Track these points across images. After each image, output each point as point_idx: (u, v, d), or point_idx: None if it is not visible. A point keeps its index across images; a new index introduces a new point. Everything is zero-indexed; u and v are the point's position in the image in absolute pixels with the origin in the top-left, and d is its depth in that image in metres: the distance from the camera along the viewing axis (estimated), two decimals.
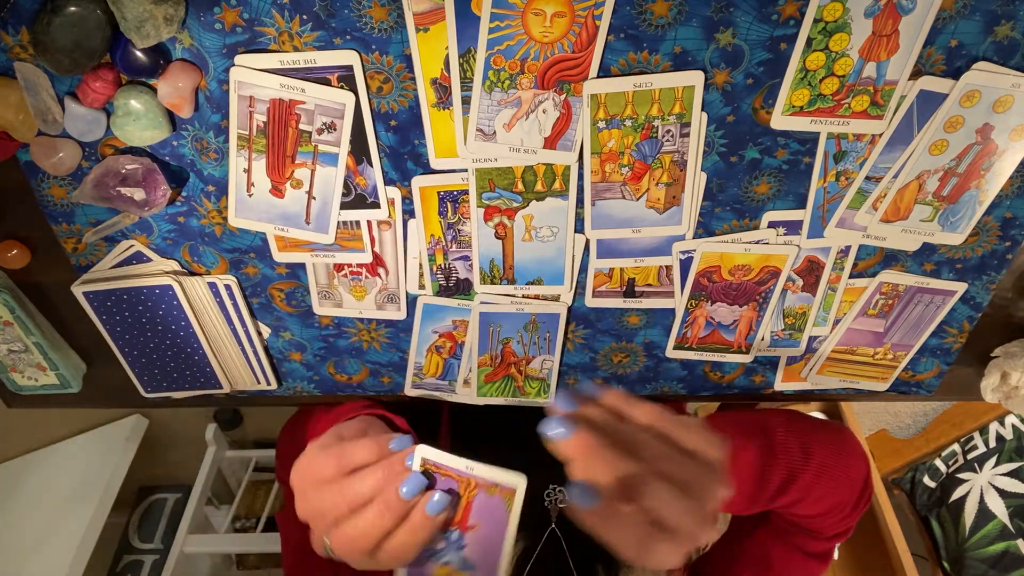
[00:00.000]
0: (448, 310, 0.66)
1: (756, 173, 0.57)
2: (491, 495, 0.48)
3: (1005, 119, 0.52)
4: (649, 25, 0.49)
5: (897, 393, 0.74)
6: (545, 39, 0.50)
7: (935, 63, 0.51)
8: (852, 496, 0.68)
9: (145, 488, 1.83)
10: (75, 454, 1.57)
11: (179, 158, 0.57)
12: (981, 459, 1.46)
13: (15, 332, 0.67)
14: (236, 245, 0.62)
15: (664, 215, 0.59)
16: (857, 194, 0.57)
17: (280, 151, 0.55)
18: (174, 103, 0.52)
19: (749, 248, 0.61)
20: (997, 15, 0.48)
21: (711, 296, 0.65)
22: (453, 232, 0.61)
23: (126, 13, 0.45)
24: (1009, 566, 1.34)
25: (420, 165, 0.57)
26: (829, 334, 0.68)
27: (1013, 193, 0.57)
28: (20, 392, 0.74)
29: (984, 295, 0.64)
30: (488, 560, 0.50)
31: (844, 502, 0.68)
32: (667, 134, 0.54)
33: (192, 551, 1.50)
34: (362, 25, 0.49)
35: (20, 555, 1.38)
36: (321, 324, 0.68)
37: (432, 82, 0.52)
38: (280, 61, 0.51)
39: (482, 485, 0.48)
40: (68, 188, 0.58)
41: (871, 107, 0.52)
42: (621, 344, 0.69)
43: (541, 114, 0.53)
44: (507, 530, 0.49)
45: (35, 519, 1.44)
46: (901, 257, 0.62)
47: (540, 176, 0.57)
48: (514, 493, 0.48)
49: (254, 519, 1.64)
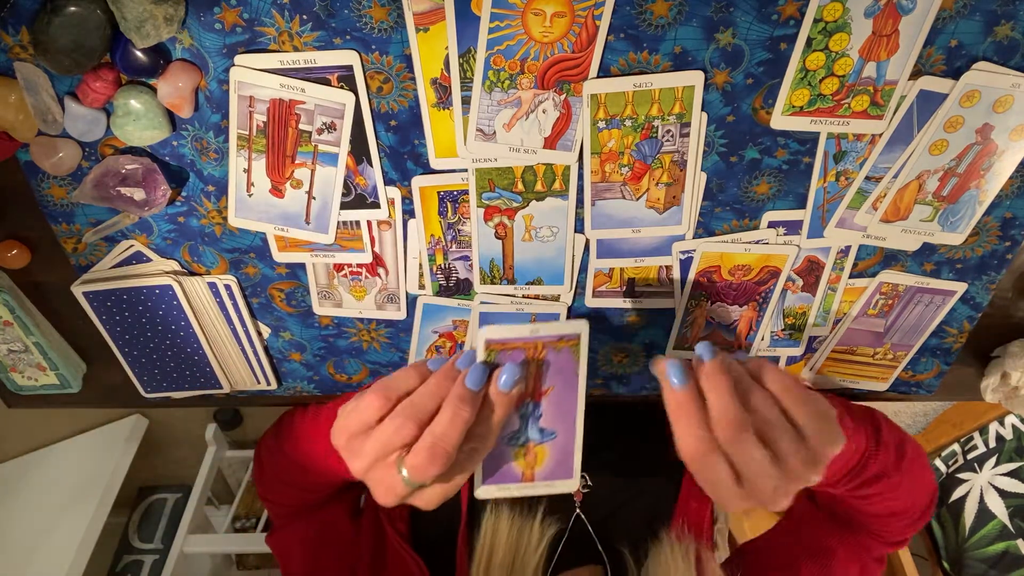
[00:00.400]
0: (448, 310, 0.66)
1: (756, 173, 0.57)
2: (559, 351, 0.48)
3: (1005, 119, 0.52)
4: (649, 25, 0.49)
5: (897, 393, 0.74)
6: (545, 39, 0.50)
7: (935, 63, 0.51)
8: (922, 503, 0.69)
9: (145, 488, 1.83)
10: (75, 454, 1.57)
11: (179, 158, 0.57)
12: (981, 459, 1.46)
13: (15, 332, 0.67)
14: (236, 245, 0.62)
15: (664, 215, 0.59)
16: (857, 194, 0.57)
17: (280, 151, 0.55)
18: (174, 103, 0.52)
19: (749, 248, 0.61)
20: (997, 15, 0.48)
21: (711, 296, 0.65)
22: (453, 232, 0.61)
23: (126, 13, 0.45)
24: (1009, 566, 1.34)
25: (420, 165, 0.57)
26: (829, 334, 0.68)
27: (1013, 193, 0.57)
28: (20, 392, 0.74)
29: (984, 295, 0.64)
30: (566, 419, 0.50)
31: (915, 507, 0.69)
32: (667, 134, 0.54)
33: (192, 551, 1.51)
34: (362, 25, 0.49)
35: (20, 555, 1.39)
36: (321, 324, 0.68)
37: (432, 82, 0.52)
38: (280, 61, 0.51)
39: (549, 343, 0.47)
40: (68, 188, 0.58)
41: (871, 107, 0.52)
42: (621, 344, 0.69)
43: (541, 114, 0.53)
44: (579, 380, 0.48)
45: (35, 519, 1.44)
46: (901, 257, 0.62)
47: (540, 176, 0.57)
48: (579, 339, 0.47)
49: (254, 519, 1.64)
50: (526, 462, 0.51)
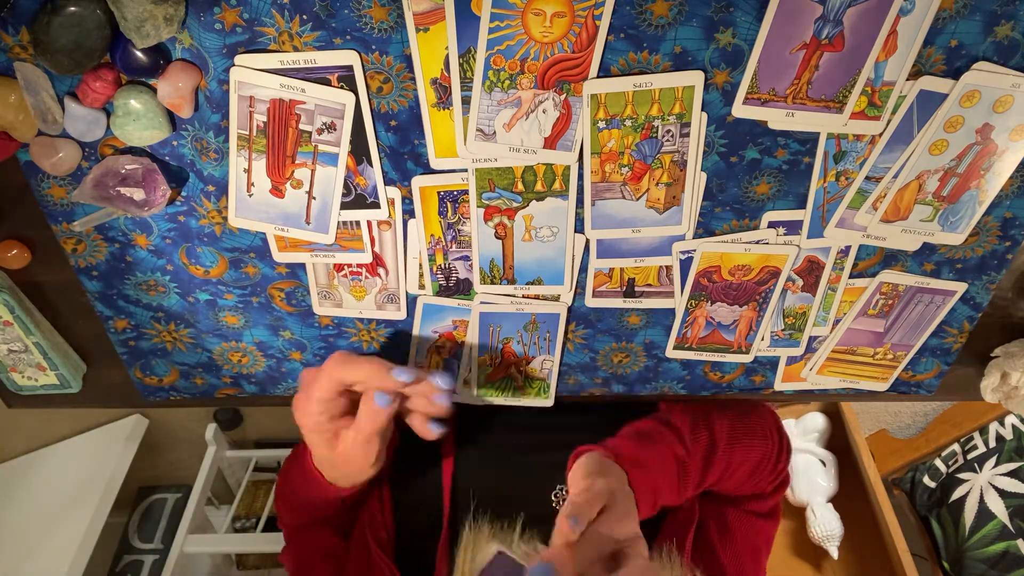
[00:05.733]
0: (448, 310, 0.66)
1: (756, 173, 0.57)
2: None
3: (1005, 119, 0.52)
4: (649, 25, 0.49)
5: (897, 393, 0.74)
6: (545, 39, 0.50)
7: (935, 63, 0.51)
8: (773, 447, 0.72)
9: (145, 488, 1.83)
10: (75, 454, 1.57)
11: (179, 158, 0.57)
12: (981, 459, 1.46)
13: (15, 332, 0.67)
14: (236, 245, 0.62)
15: (664, 215, 0.59)
16: (857, 194, 0.57)
17: (280, 151, 0.55)
18: (174, 103, 0.52)
19: (749, 248, 0.61)
20: (997, 15, 0.48)
21: (711, 296, 0.65)
22: (453, 232, 0.61)
23: (126, 13, 0.45)
24: (1009, 566, 1.34)
25: (420, 165, 0.57)
26: (829, 334, 0.68)
27: (1013, 193, 0.57)
28: (20, 392, 0.74)
29: (984, 295, 0.64)
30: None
31: (767, 455, 0.71)
32: (667, 134, 0.54)
33: (192, 551, 1.51)
34: (362, 25, 0.49)
35: (20, 555, 1.39)
36: (321, 324, 0.68)
37: (432, 82, 0.52)
38: (280, 61, 0.51)
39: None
40: (68, 188, 0.58)
41: (869, 107, 0.52)
42: (621, 344, 0.69)
43: (541, 114, 0.53)
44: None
45: (35, 519, 1.45)
46: (901, 257, 0.62)
47: (540, 176, 0.57)
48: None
49: (254, 519, 1.64)
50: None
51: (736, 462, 0.69)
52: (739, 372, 0.72)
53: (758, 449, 0.71)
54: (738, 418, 0.72)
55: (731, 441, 0.69)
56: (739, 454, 0.69)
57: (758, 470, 0.72)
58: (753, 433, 0.71)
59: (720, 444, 0.68)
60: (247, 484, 1.71)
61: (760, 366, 0.71)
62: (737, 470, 0.70)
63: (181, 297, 0.66)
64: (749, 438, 0.70)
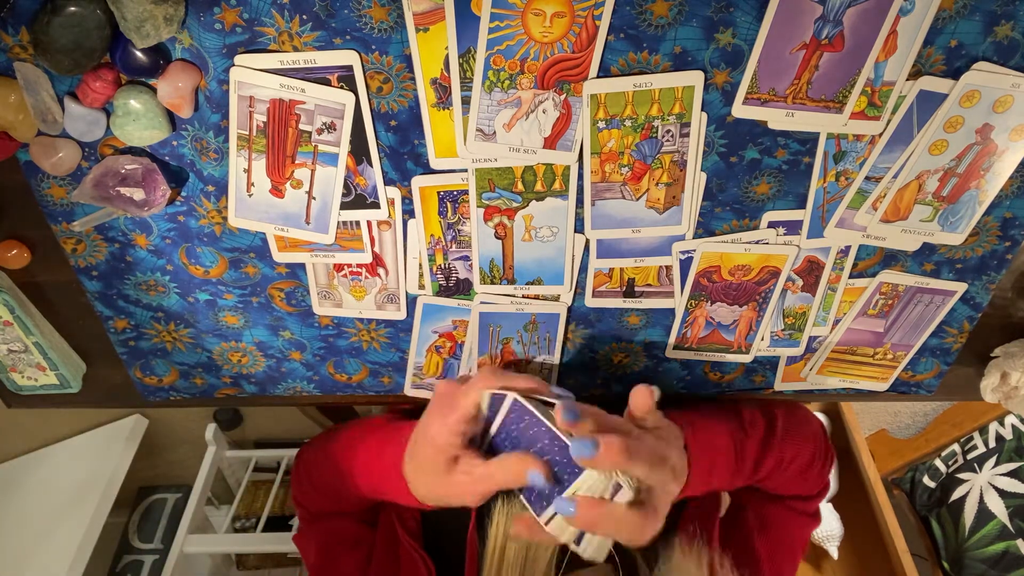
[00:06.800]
0: (448, 310, 0.66)
1: (756, 173, 0.57)
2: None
3: (1005, 119, 0.52)
4: (649, 25, 0.49)
5: (897, 393, 0.74)
6: (545, 39, 0.50)
7: (935, 63, 0.51)
8: (819, 448, 0.72)
9: (145, 488, 1.83)
10: (75, 454, 1.57)
11: (179, 158, 0.57)
12: (981, 459, 1.46)
13: (15, 332, 0.67)
14: (236, 245, 0.62)
15: (664, 215, 0.59)
16: (857, 194, 0.57)
17: (280, 151, 0.55)
18: (174, 103, 0.52)
19: (749, 248, 0.61)
20: (997, 15, 0.48)
21: (711, 296, 0.65)
22: (453, 232, 0.61)
23: (126, 13, 0.45)
24: (1009, 566, 1.34)
25: (420, 165, 0.57)
26: (829, 334, 0.68)
27: (1013, 193, 0.57)
28: (20, 392, 0.74)
29: (984, 295, 0.64)
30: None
31: (814, 455, 0.71)
32: (667, 134, 0.54)
33: (192, 551, 1.50)
34: (362, 25, 0.49)
35: (20, 555, 1.38)
36: (321, 324, 0.68)
37: (432, 82, 0.52)
38: (280, 61, 0.51)
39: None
40: (68, 188, 0.58)
41: (869, 108, 0.52)
42: (621, 344, 0.69)
43: (541, 114, 0.53)
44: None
45: (35, 519, 1.44)
46: (901, 257, 0.62)
47: (540, 176, 0.57)
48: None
49: (254, 519, 1.64)
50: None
51: (788, 457, 0.69)
52: (739, 372, 0.72)
53: (810, 447, 0.70)
54: (790, 415, 0.71)
55: (785, 434, 0.69)
56: (791, 449, 0.69)
57: (808, 469, 0.71)
58: (805, 431, 0.71)
59: (776, 434, 0.68)
60: (247, 484, 1.70)
61: (760, 366, 0.71)
62: (790, 465, 0.69)
63: (181, 297, 0.66)
64: (802, 435, 0.70)
